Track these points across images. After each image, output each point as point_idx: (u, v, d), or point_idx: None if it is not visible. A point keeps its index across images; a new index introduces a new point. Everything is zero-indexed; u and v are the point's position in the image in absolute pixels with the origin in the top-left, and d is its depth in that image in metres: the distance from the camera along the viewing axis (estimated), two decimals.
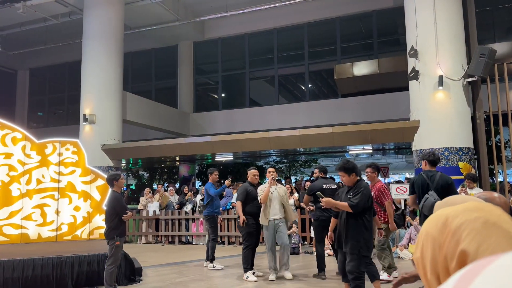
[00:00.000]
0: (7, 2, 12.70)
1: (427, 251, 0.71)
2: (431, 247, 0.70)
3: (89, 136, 11.46)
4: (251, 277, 5.96)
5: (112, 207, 5.11)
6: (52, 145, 7.39)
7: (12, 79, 19.51)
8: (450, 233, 0.67)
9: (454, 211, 0.71)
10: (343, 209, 4.13)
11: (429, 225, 0.74)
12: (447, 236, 0.67)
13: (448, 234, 0.68)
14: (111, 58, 12.07)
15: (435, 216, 0.74)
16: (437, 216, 0.74)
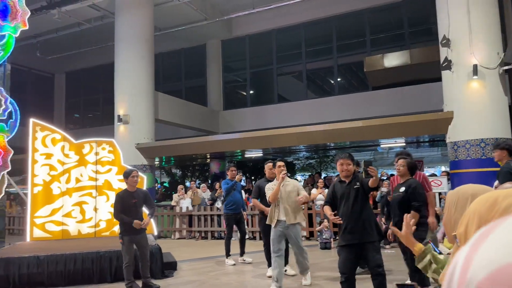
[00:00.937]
0: (44, 9, 13.27)
1: (472, 227, 0.76)
2: (477, 223, 0.75)
3: (124, 136, 11.84)
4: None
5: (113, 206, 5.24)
6: (89, 145, 7.72)
7: (50, 83, 20.37)
8: (498, 211, 0.72)
9: (505, 193, 0.75)
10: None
11: (477, 203, 0.79)
12: (495, 214, 0.72)
13: (497, 212, 0.72)
14: (142, 60, 12.39)
15: (483, 196, 0.79)
16: (486, 196, 0.78)
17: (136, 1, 12.41)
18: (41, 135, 7.37)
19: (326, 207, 4.17)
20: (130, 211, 5.07)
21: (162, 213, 11.34)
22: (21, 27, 7.47)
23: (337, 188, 4.10)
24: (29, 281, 5.43)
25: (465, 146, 8.20)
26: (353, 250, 3.87)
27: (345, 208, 3.94)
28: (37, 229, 7.16)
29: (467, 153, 8.15)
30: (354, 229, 3.85)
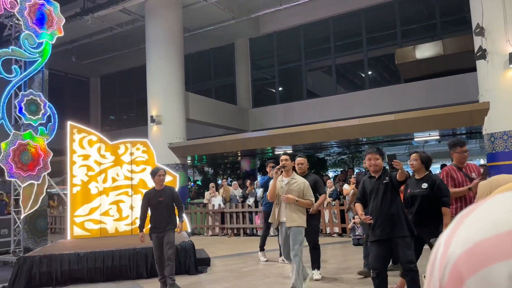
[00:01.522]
0: (78, 16, 13.77)
1: None
2: None
3: (157, 136, 12.14)
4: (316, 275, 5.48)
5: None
6: (124, 146, 7.98)
7: (86, 87, 21.13)
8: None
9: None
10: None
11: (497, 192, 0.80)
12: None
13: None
14: (173, 61, 12.66)
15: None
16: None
17: (165, 4, 12.67)
18: (78, 137, 7.68)
19: (357, 204, 4.09)
20: (157, 209, 5.10)
21: (195, 210, 11.56)
22: (57, 34, 7.81)
23: (367, 184, 4.06)
24: (70, 277, 5.70)
25: (503, 138, 7.89)
26: (383, 246, 3.82)
27: (375, 203, 3.90)
28: (77, 228, 7.49)
29: (505, 145, 7.84)
30: (383, 224, 3.81)
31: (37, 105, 7.51)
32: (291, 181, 4.74)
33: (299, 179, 4.79)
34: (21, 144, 7.17)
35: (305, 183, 4.78)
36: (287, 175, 4.77)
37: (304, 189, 4.72)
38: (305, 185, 4.75)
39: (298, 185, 4.71)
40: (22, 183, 7.16)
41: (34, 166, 7.32)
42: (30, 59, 7.43)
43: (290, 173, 4.79)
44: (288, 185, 4.70)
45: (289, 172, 4.79)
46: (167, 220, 5.12)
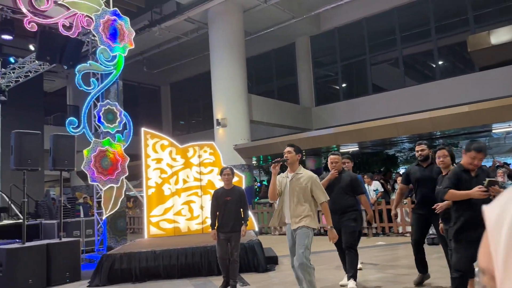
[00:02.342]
0: (146, 28, 14.64)
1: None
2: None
3: (223, 138, 12.52)
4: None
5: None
6: (192, 149, 8.34)
7: (157, 94, 22.35)
8: None
9: None
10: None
11: None
12: None
13: None
14: (235, 65, 12.97)
15: None
16: None
17: (226, 10, 13.02)
18: (151, 142, 8.16)
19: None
20: (223, 208, 5.08)
21: (262, 210, 11.71)
22: (129, 47, 8.37)
23: (465, 178, 3.68)
24: (148, 273, 6.07)
25: None
26: (475, 247, 3.53)
27: (473, 202, 3.57)
28: (153, 227, 7.96)
29: None
30: (479, 226, 3.55)
31: (114, 114, 8.10)
32: (296, 176, 4.04)
33: (305, 174, 4.04)
34: (101, 151, 7.78)
35: (312, 178, 4.00)
36: (292, 170, 4.09)
37: (311, 186, 3.97)
38: (312, 181, 3.99)
39: (303, 181, 3.98)
40: (103, 187, 7.77)
41: (113, 171, 7.90)
42: (106, 72, 8.04)
43: (295, 167, 4.09)
44: (292, 182, 4.04)
45: (294, 166, 4.09)
46: (234, 220, 5.06)
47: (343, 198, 4.83)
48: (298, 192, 3.98)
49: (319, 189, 4.04)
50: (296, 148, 4.13)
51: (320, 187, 4.06)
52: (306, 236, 3.91)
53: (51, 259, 6.15)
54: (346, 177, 4.88)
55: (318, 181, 4.09)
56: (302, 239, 3.90)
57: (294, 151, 4.09)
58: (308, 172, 4.11)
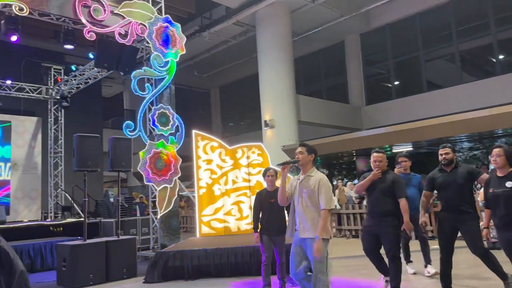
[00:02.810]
0: (197, 33, 15.05)
1: None
2: None
3: (271, 139, 12.57)
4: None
5: None
6: (241, 150, 8.45)
7: (207, 98, 22.89)
8: None
9: None
10: None
11: None
12: None
13: None
14: (283, 66, 13.00)
15: None
16: None
17: (274, 12, 13.07)
18: (202, 144, 8.38)
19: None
20: (267, 210, 4.93)
21: None
22: (180, 52, 8.66)
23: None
24: (200, 271, 6.23)
25: None
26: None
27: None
28: (204, 226, 8.15)
29: None
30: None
31: (167, 117, 8.41)
32: (306, 178, 3.70)
33: (316, 176, 3.68)
34: (155, 152, 8.11)
35: (321, 181, 3.61)
36: (304, 172, 3.75)
37: (319, 186, 3.58)
38: (319, 183, 3.59)
39: (312, 183, 3.62)
40: (158, 187, 8.09)
41: (167, 172, 8.21)
42: (159, 77, 8.37)
43: (307, 169, 3.75)
44: (301, 184, 3.70)
45: (306, 167, 3.75)
46: (278, 223, 4.87)
47: (383, 201, 4.36)
48: (306, 195, 3.63)
49: (325, 193, 3.57)
50: (308, 148, 3.80)
51: (327, 192, 3.58)
52: (319, 247, 3.49)
53: (110, 255, 6.48)
54: (389, 178, 4.42)
55: (328, 184, 3.65)
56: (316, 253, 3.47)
57: (306, 151, 3.76)
58: (320, 174, 3.75)
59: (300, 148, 3.79)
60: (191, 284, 6.03)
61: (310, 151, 3.77)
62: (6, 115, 11.10)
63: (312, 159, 3.78)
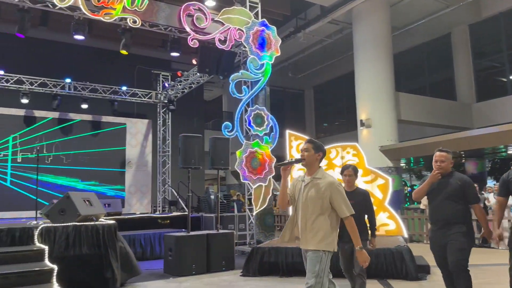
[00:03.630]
0: (291, 35, 15.21)
1: None
2: None
3: (367, 139, 12.16)
4: None
5: None
6: (335, 150, 8.34)
7: (301, 98, 22.96)
8: None
9: None
10: None
11: None
12: None
13: None
14: (381, 63, 12.49)
15: None
16: None
17: (372, 7, 12.63)
18: (295, 144, 8.45)
19: None
20: None
21: (412, 216, 10.96)
22: (275, 54, 8.86)
23: None
24: (294, 269, 6.30)
25: None
26: None
27: None
28: None
29: None
30: None
31: (262, 118, 8.67)
32: (313, 181, 3.19)
33: (325, 179, 3.17)
34: (251, 152, 8.41)
35: (333, 186, 3.13)
36: (310, 173, 3.24)
37: (330, 194, 3.11)
38: (332, 189, 3.11)
39: (320, 188, 3.12)
40: (253, 185, 8.38)
41: (262, 170, 8.46)
42: (255, 79, 8.67)
43: (314, 170, 3.24)
44: (307, 187, 3.19)
45: (313, 168, 3.24)
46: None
47: (448, 206, 3.75)
48: (312, 200, 3.14)
49: (342, 199, 3.12)
50: (315, 146, 3.26)
51: (343, 197, 3.14)
52: (317, 260, 3.08)
53: (210, 248, 6.90)
54: (455, 181, 3.79)
55: (341, 189, 3.17)
56: (313, 265, 3.08)
57: (313, 149, 3.23)
58: (329, 177, 3.23)
59: (306, 144, 3.27)
60: (285, 280, 6.13)
61: (317, 149, 3.25)
62: (121, 118, 12.47)
63: (319, 159, 3.27)
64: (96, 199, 6.18)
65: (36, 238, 4.94)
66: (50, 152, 11.31)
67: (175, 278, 6.43)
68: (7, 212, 10.12)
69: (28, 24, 7.32)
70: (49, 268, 4.47)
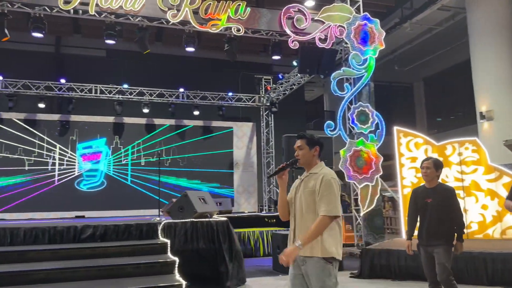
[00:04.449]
0: (396, 26, 14.43)
1: None
2: None
3: (489, 133, 10.97)
4: None
5: None
6: (451, 146, 7.71)
7: (409, 92, 21.60)
8: None
9: None
10: None
11: None
12: None
13: None
14: (503, 48, 11.25)
15: None
16: None
17: None
18: (404, 140, 8.00)
19: None
20: (422, 212, 3.91)
21: None
22: (379, 48, 8.51)
23: None
24: (408, 273, 5.95)
25: None
26: None
27: None
28: None
29: None
30: None
31: (366, 115, 8.40)
32: (309, 176, 2.75)
33: (319, 173, 2.71)
34: (355, 151, 8.20)
35: (323, 179, 2.64)
36: (307, 170, 2.81)
37: (318, 189, 2.63)
38: (321, 183, 2.63)
39: (313, 185, 2.67)
40: (359, 185, 8.15)
41: (368, 170, 8.19)
42: (358, 76, 8.43)
43: (312, 166, 2.79)
44: (301, 185, 2.76)
45: (310, 165, 2.79)
46: (435, 230, 3.77)
47: None
48: (305, 199, 2.70)
49: (327, 194, 2.61)
50: (309, 140, 2.81)
51: (328, 193, 2.61)
52: (327, 274, 2.56)
53: None
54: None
55: (331, 183, 2.64)
56: (319, 281, 2.55)
57: (307, 145, 2.79)
58: (326, 169, 2.75)
59: (298, 141, 2.82)
60: (398, 284, 5.86)
61: (312, 144, 2.81)
62: (229, 122, 13.16)
63: (317, 154, 2.80)
64: (210, 198, 6.63)
65: (160, 232, 5.47)
66: (168, 155, 12.44)
67: (284, 275, 6.57)
68: (130, 211, 11.39)
69: (147, 41, 8.18)
70: (172, 260, 4.92)
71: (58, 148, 11.63)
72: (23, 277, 4.40)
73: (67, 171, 11.68)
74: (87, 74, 12.57)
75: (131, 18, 7.89)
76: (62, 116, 11.91)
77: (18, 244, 5.02)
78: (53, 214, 10.90)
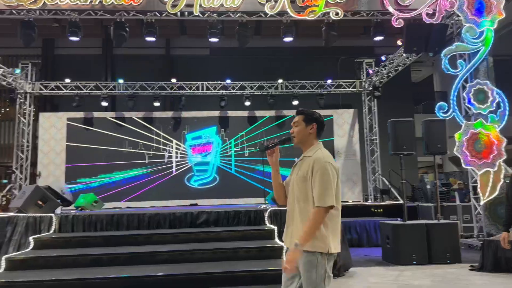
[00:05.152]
0: None
1: None
2: None
3: None
4: None
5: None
6: None
7: None
8: None
9: None
10: None
11: None
12: None
13: None
14: None
15: None
16: None
17: None
18: None
19: None
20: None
21: None
22: (498, 18, 7.57)
23: None
24: None
25: None
26: None
27: None
28: None
29: None
30: None
31: (485, 94, 7.55)
32: (303, 159, 2.47)
33: (312, 156, 2.39)
34: (473, 133, 7.44)
35: (315, 163, 2.33)
36: (303, 151, 2.52)
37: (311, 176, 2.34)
38: (313, 168, 2.33)
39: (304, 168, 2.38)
40: (478, 171, 7.39)
41: (488, 154, 7.37)
42: (473, 50, 7.60)
43: (307, 146, 2.50)
44: (297, 167, 2.48)
45: (306, 144, 2.51)
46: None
47: None
48: (297, 185, 2.43)
49: (320, 182, 2.30)
50: (307, 116, 2.51)
51: (322, 180, 2.29)
52: (313, 265, 2.28)
53: (430, 238, 6.49)
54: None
55: (325, 168, 2.32)
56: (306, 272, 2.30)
57: (303, 121, 2.50)
58: (320, 152, 2.42)
59: (296, 117, 2.55)
60: None
61: (309, 120, 2.51)
62: (328, 110, 12.93)
63: (314, 132, 2.51)
64: None
65: (266, 219, 5.67)
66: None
67: (394, 266, 6.32)
68: (237, 199, 11.92)
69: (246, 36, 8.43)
70: (280, 246, 5.06)
71: (174, 143, 12.68)
72: (150, 258, 4.94)
73: (180, 163, 12.69)
74: (194, 73, 13.47)
75: (232, 14, 8.21)
76: (174, 113, 12.97)
77: (144, 228, 5.65)
78: (170, 202, 11.96)
